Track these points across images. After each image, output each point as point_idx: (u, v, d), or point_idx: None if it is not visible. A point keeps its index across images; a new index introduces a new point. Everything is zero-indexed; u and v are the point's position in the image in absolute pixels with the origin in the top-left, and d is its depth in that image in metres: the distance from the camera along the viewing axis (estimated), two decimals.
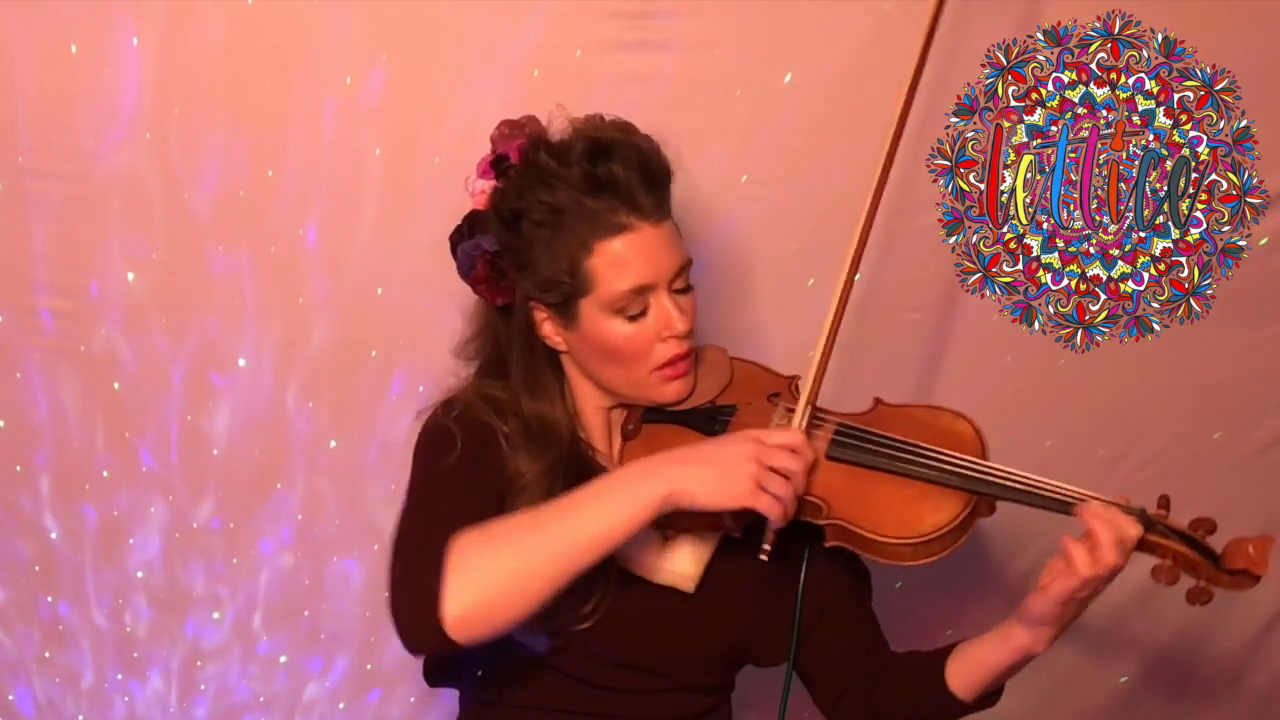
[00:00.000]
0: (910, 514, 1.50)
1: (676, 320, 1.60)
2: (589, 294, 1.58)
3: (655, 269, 1.58)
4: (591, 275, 1.57)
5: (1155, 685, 2.41)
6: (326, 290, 2.15)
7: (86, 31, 2.04)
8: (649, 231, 1.58)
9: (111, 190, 2.11)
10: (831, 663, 1.68)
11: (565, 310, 1.61)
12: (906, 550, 1.50)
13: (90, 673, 2.39)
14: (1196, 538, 1.46)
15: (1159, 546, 1.45)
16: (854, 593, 1.71)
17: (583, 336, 1.62)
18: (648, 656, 1.63)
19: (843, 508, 1.52)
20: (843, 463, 1.56)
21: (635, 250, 1.57)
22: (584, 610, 1.58)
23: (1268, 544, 1.43)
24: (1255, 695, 2.42)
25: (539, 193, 1.58)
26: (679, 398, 1.65)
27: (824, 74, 2.05)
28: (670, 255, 1.60)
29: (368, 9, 2.03)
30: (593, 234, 1.56)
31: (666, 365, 1.62)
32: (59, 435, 2.25)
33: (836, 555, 1.59)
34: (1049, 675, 2.41)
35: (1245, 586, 1.44)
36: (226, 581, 2.33)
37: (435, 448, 1.60)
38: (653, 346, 1.61)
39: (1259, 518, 2.32)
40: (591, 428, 1.70)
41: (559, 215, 1.57)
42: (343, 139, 2.07)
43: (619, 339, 1.60)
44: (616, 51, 2.04)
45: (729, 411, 1.65)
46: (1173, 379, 2.19)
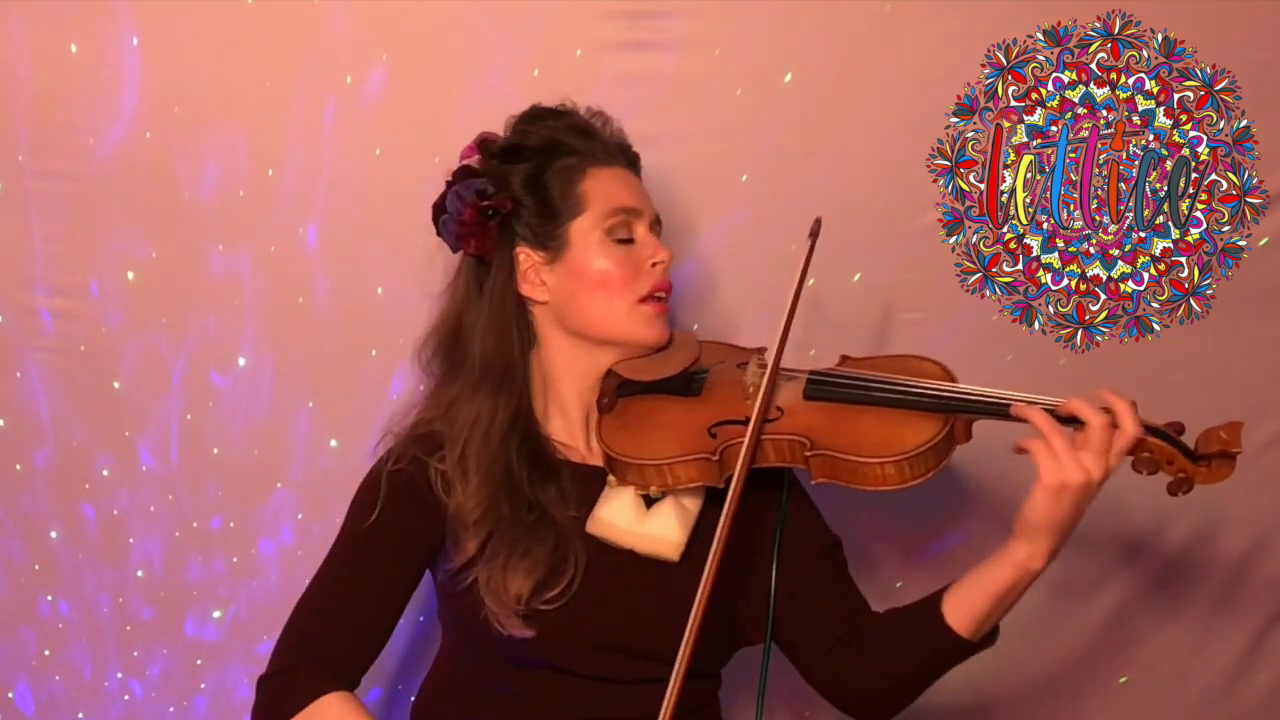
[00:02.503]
0: (891, 436, 1.54)
1: (661, 249, 1.70)
2: (580, 214, 1.67)
3: (641, 200, 1.73)
4: (584, 196, 1.68)
5: (1155, 685, 2.41)
6: (326, 290, 2.15)
7: (86, 31, 2.04)
8: (631, 174, 1.76)
9: (111, 190, 2.11)
10: (812, 626, 1.68)
11: (554, 240, 1.68)
12: (891, 470, 1.52)
13: (90, 671, 2.39)
14: (1169, 432, 1.52)
15: (1139, 442, 1.51)
16: (829, 556, 1.73)
17: (569, 268, 1.68)
18: (637, 635, 1.62)
19: (825, 439, 1.56)
20: (820, 400, 1.62)
21: (622, 180, 1.73)
22: (559, 588, 1.60)
23: (1237, 426, 1.51)
24: (1255, 695, 2.41)
25: (535, 129, 1.72)
26: (660, 338, 1.71)
27: (824, 74, 2.05)
28: (649, 200, 1.74)
29: (368, 9, 2.03)
30: (585, 161, 1.70)
31: (651, 297, 1.69)
32: (59, 435, 2.25)
33: (807, 522, 1.67)
34: (1049, 675, 2.41)
35: (1223, 473, 1.51)
36: (226, 581, 2.33)
37: (358, 507, 1.70)
38: (639, 273, 1.68)
39: (1259, 518, 2.32)
40: (568, 409, 1.72)
41: (553, 144, 1.70)
42: (343, 139, 2.08)
43: (609, 262, 1.67)
44: (616, 51, 2.04)
45: (703, 373, 1.71)
46: (1173, 379, 2.19)
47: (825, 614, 1.69)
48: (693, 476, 1.60)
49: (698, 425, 1.62)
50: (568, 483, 1.68)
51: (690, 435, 1.62)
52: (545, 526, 1.63)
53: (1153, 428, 1.52)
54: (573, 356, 1.71)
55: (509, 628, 1.59)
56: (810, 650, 1.70)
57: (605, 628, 1.62)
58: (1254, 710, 2.42)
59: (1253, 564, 2.33)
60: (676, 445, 1.61)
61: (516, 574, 1.59)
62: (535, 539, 1.62)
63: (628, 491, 1.63)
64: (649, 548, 1.62)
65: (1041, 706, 2.43)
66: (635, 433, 1.65)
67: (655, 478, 1.61)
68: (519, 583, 1.59)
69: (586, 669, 1.63)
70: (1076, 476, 1.44)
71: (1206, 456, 1.50)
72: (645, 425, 1.65)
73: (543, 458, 1.69)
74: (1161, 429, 1.52)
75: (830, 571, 1.72)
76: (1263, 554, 2.32)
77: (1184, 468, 1.50)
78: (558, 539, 1.62)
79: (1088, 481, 1.45)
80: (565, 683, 1.63)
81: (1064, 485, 1.45)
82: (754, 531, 1.68)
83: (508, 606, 1.58)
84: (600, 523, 1.63)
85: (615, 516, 1.62)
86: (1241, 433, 1.50)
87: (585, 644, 1.62)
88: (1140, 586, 2.34)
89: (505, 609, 1.59)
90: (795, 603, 1.68)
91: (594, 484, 1.67)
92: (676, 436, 1.62)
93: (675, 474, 1.60)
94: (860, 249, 2.13)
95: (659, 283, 1.69)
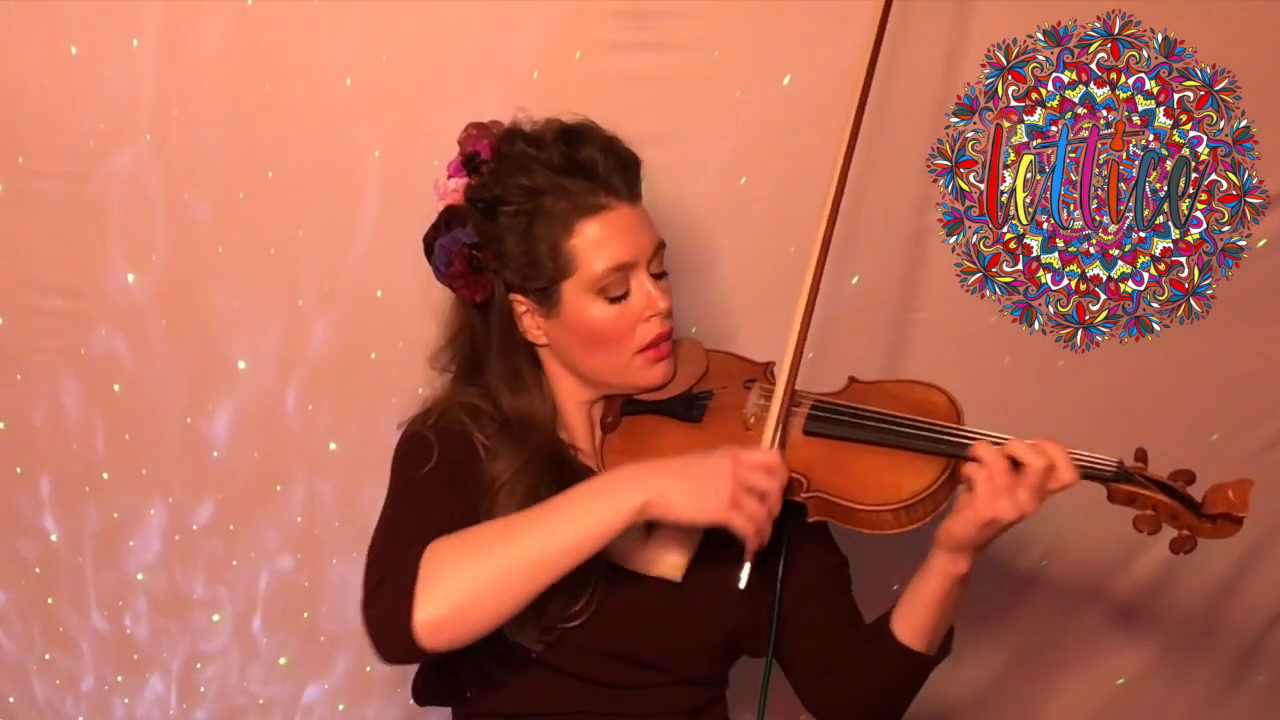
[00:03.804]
0: (889, 481, 1.51)
1: (658, 298, 1.62)
2: (571, 276, 1.60)
3: (636, 247, 1.61)
4: (573, 256, 1.59)
5: (1155, 685, 2.41)
6: (326, 291, 2.15)
7: (86, 31, 2.04)
8: (626, 211, 1.62)
9: (111, 190, 2.11)
10: (810, 647, 1.67)
11: (547, 297, 1.62)
12: (888, 517, 1.50)
13: (90, 675, 2.39)
14: (1175, 487, 1.47)
15: (1138, 497, 1.47)
16: (834, 578, 1.71)
17: (564, 323, 1.63)
18: (643, 647, 1.62)
19: (822, 480, 1.53)
20: (819, 437, 1.57)
21: (615, 229, 1.60)
22: (575, 607, 1.58)
23: (1246, 486, 1.44)
24: (1255, 695, 2.41)
25: (516, 178, 1.60)
26: (664, 380, 1.67)
27: (824, 74, 2.05)
28: (647, 235, 1.64)
29: (368, 9, 2.03)
30: (572, 214, 1.59)
31: (650, 346, 1.64)
32: (59, 437, 2.25)
33: (815, 539, 1.63)
34: (1048, 675, 2.41)
35: (1228, 532, 1.45)
36: (226, 583, 2.33)
37: (413, 455, 1.62)
38: (635, 327, 1.63)
39: (1260, 518, 2.31)
40: (574, 426, 1.71)
41: (537, 198, 1.59)
42: (343, 139, 2.08)
43: (602, 321, 1.61)
44: (616, 51, 2.04)
45: (706, 396, 1.67)
46: (1173, 379, 2.19)
47: (823, 634, 1.67)
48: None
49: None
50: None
51: None
52: None
53: (1158, 481, 1.48)
54: (576, 386, 1.70)
55: (522, 638, 1.57)
56: (804, 672, 1.69)
57: (609, 640, 1.61)
58: (1254, 710, 2.43)
59: (1253, 564, 2.33)
60: None
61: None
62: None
63: None
64: (653, 570, 1.61)
65: (1042, 707, 2.43)
66: (635, 458, 1.61)
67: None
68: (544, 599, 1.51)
69: (585, 673, 1.63)
70: (1009, 513, 1.46)
71: (1213, 516, 1.45)
72: (645, 450, 1.62)
73: (567, 468, 1.66)
74: (1166, 482, 1.48)
75: (833, 591, 1.70)
76: (1263, 554, 2.33)
77: (1189, 524, 1.47)
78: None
79: (1020, 518, 1.47)
80: (561, 681, 1.63)
81: (994, 520, 1.46)
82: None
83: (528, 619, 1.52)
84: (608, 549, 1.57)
85: (621, 544, 1.58)
86: (1250, 493, 1.45)
87: (586, 652, 1.61)
88: (1140, 587, 2.34)
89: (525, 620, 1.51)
90: (796, 620, 1.67)
91: None
92: None
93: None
94: (860, 249, 2.13)
95: (658, 333, 1.64)
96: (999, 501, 1.46)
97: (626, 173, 1.63)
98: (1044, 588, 2.35)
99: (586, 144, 1.61)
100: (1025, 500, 1.46)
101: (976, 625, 2.31)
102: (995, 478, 1.46)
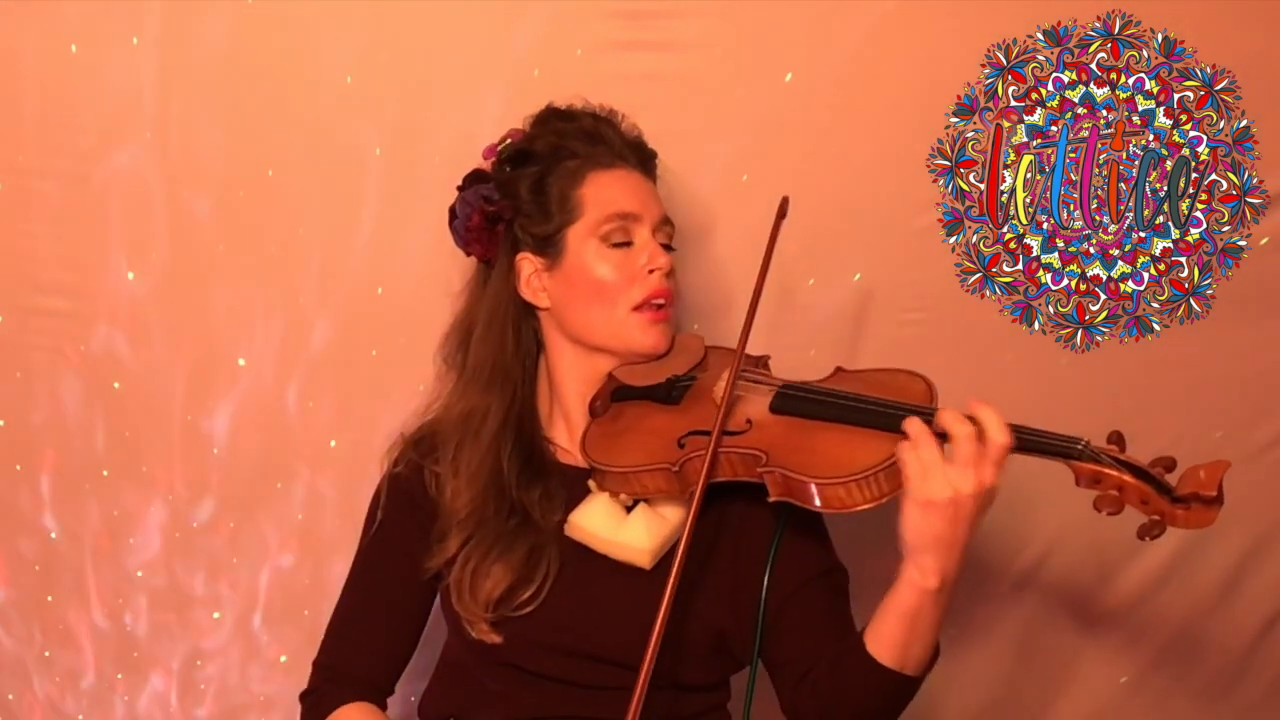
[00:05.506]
0: (844, 456, 1.48)
1: (659, 254, 1.68)
2: (577, 220, 1.67)
3: (641, 204, 1.69)
4: (581, 202, 1.68)
5: (1155, 685, 2.41)
6: (326, 290, 2.15)
7: (86, 31, 2.04)
8: (638, 176, 1.74)
9: (111, 190, 2.11)
10: (792, 652, 1.61)
11: (552, 245, 1.68)
12: (841, 492, 1.46)
13: (90, 672, 2.39)
14: (1145, 468, 1.39)
15: (1104, 477, 1.39)
16: (826, 583, 1.66)
17: (566, 276, 1.67)
18: (604, 642, 1.60)
19: (780, 455, 1.51)
20: (784, 414, 1.58)
21: (624, 183, 1.70)
22: (527, 594, 1.60)
23: (1220, 467, 1.36)
24: (1256, 695, 2.41)
25: (545, 134, 1.72)
26: (657, 347, 1.69)
27: (824, 74, 2.05)
28: (655, 202, 1.72)
29: (368, 8, 2.03)
30: (584, 167, 1.70)
31: (647, 305, 1.67)
32: (59, 435, 2.25)
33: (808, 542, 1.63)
34: (1048, 675, 2.41)
35: (1204, 518, 1.36)
36: (227, 581, 2.33)
37: (370, 512, 1.79)
38: (635, 281, 1.66)
39: (1259, 518, 2.32)
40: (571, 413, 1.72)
41: (559, 150, 1.70)
42: (343, 139, 2.08)
43: (604, 268, 1.66)
44: (616, 51, 2.04)
45: (689, 380, 1.68)
46: (1173, 379, 2.19)
47: (806, 641, 1.60)
48: (659, 486, 1.59)
49: (672, 435, 1.60)
50: (557, 486, 1.68)
51: (661, 445, 1.60)
52: (524, 531, 1.64)
53: (1125, 462, 1.40)
54: (574, 361, 1.72)
55: (476, 632, 1.61)
56: (785, 677, 1.62)
57: (568, 633, 1.61)
58: (1256, 708, 2.43)
59: (1253, 564, 2.33)
60: (645, 454, 1.60)
61: (487, 579, 1.61)
62: (511, 544, 1.62)
63: (606, 498, 1.63)
64: (621, 554, 1.61)
65: (1042, 707, 2.43)
66: (616, 440, 1.64)
67: (624, 485, 1.61)
68: (488, 588, 1.60)
69: (550, 671, 1.62)
70: (943, 492, 1.36)
71: (1185, 499, 1.36)
72: (628, 432, 1.64)
73: (535, 459, 1.69)
74: (1136, 463, 1.40)
75: (821, 598, 1.64)
76: (1263, 554, 2.33)
77: (1160, 509, 1.37)
78: (534, 544, 1.62)
79: (955, 497, 1.36)
80: (531, 682, 1.63)
81: (930, 502, 1.37)
82: (749, 546, 1.64)
83: (475, 611, 1.60)
84: (576, 527, 1.63)
85: (590, 522, 1.62)
86: (1223, 474, 1.35)
87: (548, 648, 1.61)
88: (1140, 587, 2.34)
89: (473, 613, 1.61)
90: (780, 625, 1.61)
91: (584, 489, 1.66)
92: (648, 445, 1.61)
93: (642, 483, 1.59)
94: (860, 249, 2.13)
95: (656, 290, 1.67)
96: (930, 482, 1.36)
97: (644, 162, 1.77)
98: (1045, 586, 2.35)
99: (615, 126, 1.76)
100: (958, 477, 1.36)
101: (978, 625, 2.31)
102: (920, 451, 1.38)
